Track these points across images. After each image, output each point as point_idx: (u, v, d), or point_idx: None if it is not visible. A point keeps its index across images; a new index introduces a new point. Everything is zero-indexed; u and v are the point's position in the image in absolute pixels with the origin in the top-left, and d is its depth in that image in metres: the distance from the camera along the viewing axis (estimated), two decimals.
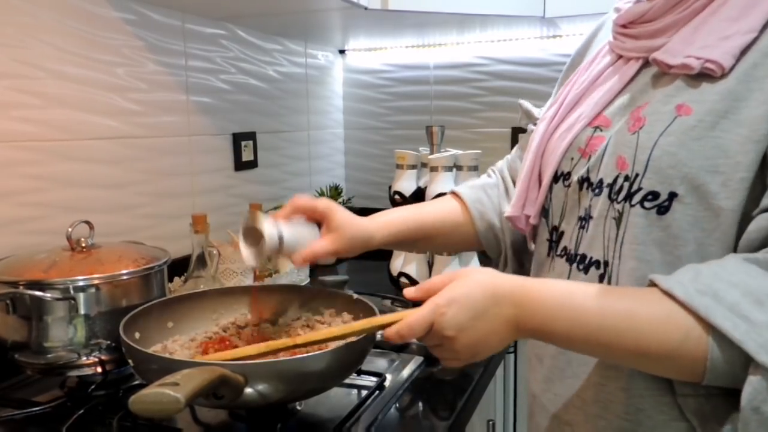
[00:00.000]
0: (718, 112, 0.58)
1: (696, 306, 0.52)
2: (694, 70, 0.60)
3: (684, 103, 0.60)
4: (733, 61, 0.58)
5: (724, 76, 0.59)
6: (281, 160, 1.80)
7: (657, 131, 0.60)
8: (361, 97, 2.09)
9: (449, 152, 1.44)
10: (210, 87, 1.49)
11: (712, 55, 0.59)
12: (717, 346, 0.52)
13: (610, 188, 0.64)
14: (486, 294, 0.62)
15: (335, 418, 0.83)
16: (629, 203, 0.62)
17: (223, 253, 1.29)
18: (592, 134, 0.69)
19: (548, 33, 1.78)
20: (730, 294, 0.52)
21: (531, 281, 0.64)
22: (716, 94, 0.58)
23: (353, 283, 1.38)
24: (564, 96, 0.77)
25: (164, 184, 1.36)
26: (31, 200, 1.07)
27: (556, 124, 0.75)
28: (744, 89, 0.57)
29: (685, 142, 0.58)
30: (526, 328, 0.62)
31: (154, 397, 0.57)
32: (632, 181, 0.62)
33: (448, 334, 0.62)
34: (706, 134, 0.58)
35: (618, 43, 0.72)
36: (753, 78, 0.57)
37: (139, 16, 1.27)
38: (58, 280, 0.86)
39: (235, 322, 0.97)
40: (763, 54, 0.57)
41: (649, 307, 0.56)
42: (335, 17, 1.52)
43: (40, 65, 1.07)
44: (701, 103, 0.59)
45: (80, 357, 0.88)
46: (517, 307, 0.61)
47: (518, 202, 0.79)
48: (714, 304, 0.52)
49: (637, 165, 0.61)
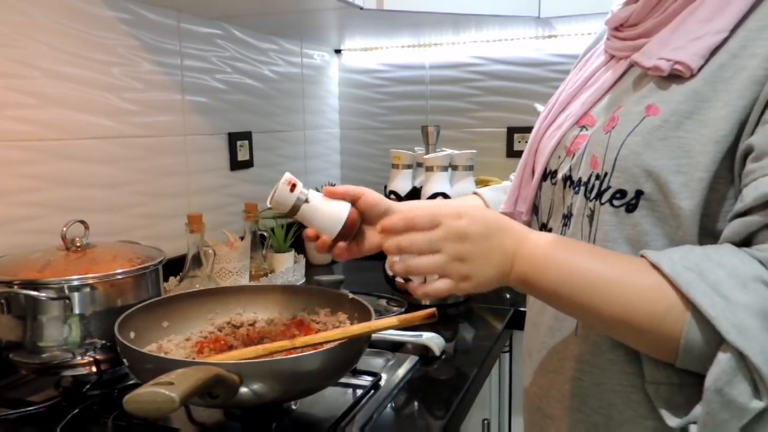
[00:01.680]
0: (684, 113, 0.58)
1: (680, 281, 0.53)
2: (664, 72, 0.61)
3: (653, 103, 0.61)
4: (701, 61, 0.59)
5: (692, 77, 0.59)
6: (277, 159, 1.80)
7: (626, 131, 0.62)
8: (357, 96, 2.09)
9: (445, 152, 1.44)
10: (206, 86, 1.49)
11: (680, 57, 0.60)
12: (695, 323, 0.52)
13: (585, 187, 0.66)
14: (497, 221, 0.63)
15: (330, 418, 0.83)
16: (599, 201, 0.63)
17: (219, 252, 1.29)
18: (578, 133, 0.70)
19: (543, 33, 1.78)
20: (716, 273, 0.52)
21: (541, 234, 0.64)
22: (682, 94, 0.59)
23: (349, 283, 1.39)
24: (558, 95, 0.79)
25: (160, 184, 1.36)
26: (25, 200, 1.07)
27: (549, 123, 0.77)
28: (710, 90, 0.58)
29: (650, 142, 0.59)
30: (519, 270, 0.62)
31: (149, 396, 0.57)
32: (602, 180, 0.63)
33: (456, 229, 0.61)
34: (670, 134, 0.58)
35: (610, 44, 0.73)
36: (719, 79, 0.57)
37: (135, 16, 1.27)
38: (52, 279, 0.86)
39: (231, 322, 0.97)
40: (731, 55, 0.58)
41: (639, 277, 0.56)
42: (331, 17, 1.52)
43: (35, 64, 1.07)
44: (668, 103, 0.60)
45: (75, 357, 0.88)
46: (519, 245, 0.62)
47: (511, 199, 0.81)
48: (697, 281, 0.52)
49: (606, 164, 0.63)
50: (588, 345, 0.67)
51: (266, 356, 0.78)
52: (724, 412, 0.50)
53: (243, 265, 1.35)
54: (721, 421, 0.51)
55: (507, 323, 1.26)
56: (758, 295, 0.50)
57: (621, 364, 0.64)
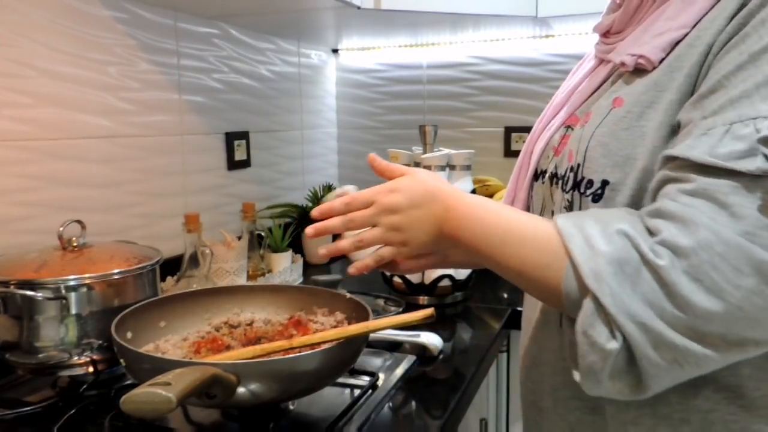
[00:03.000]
0: (645, 102, 0.62)
1: (564, 233, 0.58)
2: (629, 66, 0.65)
3: (619, 96, 0.65)
4: (662, 54, 0.62)
5: (654, 69, 0.63)
6: (274, 159, 1.80)
7: (595, 123, 0.65)
8: (355, 96, 2.09)
9: (442, 152, 1.44)
10: (203, 86, 1.49)
11: (643, 51, 0.63)
12: (571, 271, 0.56)
13: (562, 180, 0.69)
14: (426, 191, 0.70)
15: (328, 418, 0.83)
16: (576, 192, 0.66)
17: (216, 252, 1.29)
18: (565, 133, 0.74)
19: (541, 33, 1.78)
20: (593, 228, 0.56)
21: (469, 196, 0.70)
22: (644, 85, 0.63)
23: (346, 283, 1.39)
24: (553, 100, 0.82)
25: (156, 184, 1.35)
26: (22, 199, 1.07)
27: (543, 126, 0.79)
28: (667, 79, 0.61)
29: (615, 132, 0.63)
30: (446, 231, 0.69)
31: (146, 396, 0.57)
32: (575, 171, 0.66)
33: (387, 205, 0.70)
34: (633, 124, 0.62)
35: (599, 48, 0.77)
36: (675, 68, 0.61)
37: (131, 15, 1.26)
38: (49, 279, 0.85)
39: (228, 322, 0.97)
40: (687, 45, 0.61)
41: (537, 231, 0.62)
42: (328, 16, 1.52)
43: (30, 64, 1.07)
44: (631, 95, 0.63)
45: (72, 357, 0.88)
46: (446, 210, 0.69)
47: (507, 200, 0.84)
48: (576, 233, 0.57)
49: (578, 156, 0.66)
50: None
51: (264, 356, 0.78)
52: (591, 354, 0.54)
53: (240, 264, 1.34)
54: (591, 362, 0.54)
55: (504, 323, 1.26)
56: (617, 246, 0.53)
57: None
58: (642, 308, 0.51)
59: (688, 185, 0.53)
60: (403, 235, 0.70)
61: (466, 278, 1.41)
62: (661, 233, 0.53)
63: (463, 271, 1.42)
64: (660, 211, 0.54)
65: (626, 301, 0.51)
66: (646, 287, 0.51)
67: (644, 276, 0.52)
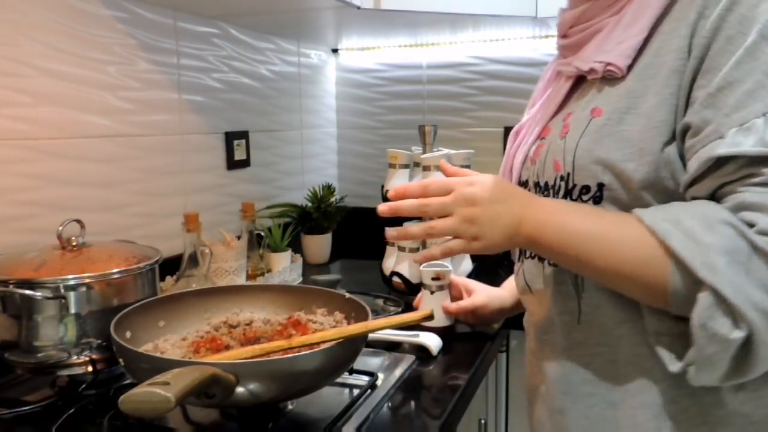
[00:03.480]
0: (622, 109, 0.66)
1: (658, 230, 0.59)
2: (598, 73, 0.70)
3: (596, 106, 0.69)
4: (628, 61, 0.67)
5: (623, 78, 0.68)
6: (274, 159, 1.80)
7: (577, 134, 0.69)
8: (354, 96, 2.09)
9: (442, 151, 1.44)
10: (202, 86, 1.48)
11: (609, 59, 0.68)
12: (675, 268, 0.58)
13: (552, 189, 0.73)
14: (506, 188, 0.70)
15: (327, 418, 0.83)
16: (570, 198, 0.70)
17: (216, 252, 1.29)
18: (538, 143, 0.78)
19: (540, 33, 1.78)
20: (688, 222, 0.58)
21: (542, 198, 0.72)
22: (618, 94, 0.67)
23: (346, 283, 1.39)
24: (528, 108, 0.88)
25: (156, 183, 1.35)
26: (21, 199, 1.07)
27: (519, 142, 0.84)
28: (641, 87, 0.66)
29: (598, 139, 0.67)
30: (524, 230, 0.68)
31: (145, 396, 0.57)
32: (566, 180, 0.70)
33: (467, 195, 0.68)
34: (614, 129, 0.66)
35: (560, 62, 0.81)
36: (646, 76, 0.66)
37: (131, 14, 1.26)
38: (48, 279, 0.85)
39: (227, 322, 0.97)
40: (652, 55, 0.66)
41: (625, 229, 0.63)
42: (328, 16, 1.52)
43: (30, 63, 1.07)
44: (608, 104, 0.68)
45: (71, 356, 0.88)
46: (525, 208, 0.69)
47: None
48: (673, 229, 0.58)
49: (566, 166, 0.70)
50: (594, 328, 0.71)
51: (263, 356, 0.78)
52: (711, 346, 0.55)
53: (240, 264, 1.34)
54: (709, 354, 0.56)
55: (504, 323, 1.26)
56: (723, 236, 0.55)
57: (630, 337, 0.68)
58: (761, 295, 0.53)
59: (758, 178, 0.57)
60: (477, 228, 0.68)
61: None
62: (757, 223, 0.55)
63: (462, 271, 1.42)
64: (744, 204, 0.57)
65: (746, 289, 0.53)
66: (761, 274, 0.54)
67: (756, 263, 0.54)
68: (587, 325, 0.71)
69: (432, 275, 1.17)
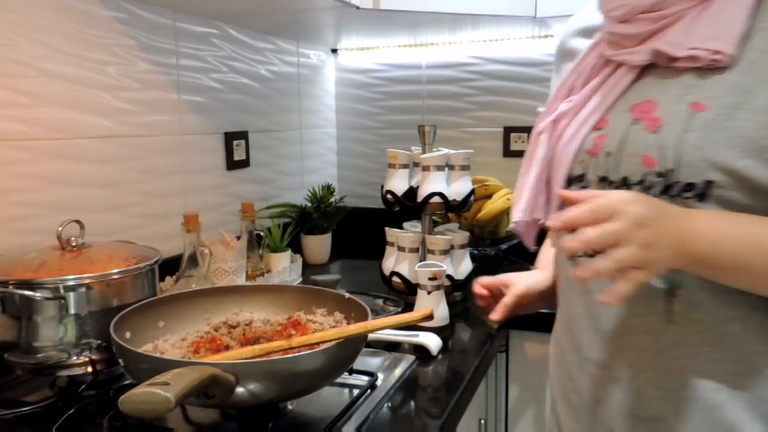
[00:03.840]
0: (732, 105, 0.63)
1: None
2: (702, 61, 0.65)
3: (696, 100, 0.65)
4: (735, 49, 0.64)
5: (722, 70, 0.64)
6: (273, 159, 1.80)
7: (677, 129, 0.65)
8: (354, 96, 2.09)
9: (441, 152, 1.44)
10: (202, 86, 1.48)
11: (717, 46, 0.64)
12: None
13: (641, 185, 0.67)
14: (660, 203, 0.63)
15: (327, 418, 0.83)
16: (668, 196, 0.65)
17: (215, 252, 1.29)
18: (597, 135, 0.73)
19: (540, 33, 1.78)
20: None
21: (689, 210, 0.64)
22: (724, 89, 0.64)
23: (345, 283, 1.39)
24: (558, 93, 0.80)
25: (155, 184, 1.35)
26: (21, 199, 1.07)
27: (560, 132, 0.78)
28: (751, 82, 0.63)
29: (708, 135, 0.63)
30: (689, 249, 0.61)
31: (145, 396, 0.57)
32: (666, 176, 0.65)
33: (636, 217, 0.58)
34: (725, 125, 0.63)
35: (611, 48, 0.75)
36: (756, 71, 0.63)
37: (130, 15, 1.26)
38: (48, 279, 0.85)
39: (227, 322, 0.97)
40: (759, 51, 0.63)
41: None
42: (327, 16, 1.52)
43: (30, 63, 1.07)
44: (714, 99, 0.64)
45: (70, 357, 0.88)
46: (683, 221, 0.62)
47: (528, 208, 0.81)
48: None
49: (666, 162, 0.65)
50: (691, 327, 0.68)
51: (263, 356, 0.78)
52: None
53: (239, 264, 1.34)
54: None
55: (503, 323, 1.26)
56: None
57: (738, 335, 0.66)
58: None
59: None
60: (652, 254, 0.59)
61: (465, 278, 1.41)
62: None
63: (462, 271, 1.42)
64: None
65: None
66: None
67: None
68: (682, 325, 0.67)
69: (428, 275, 1.17)
